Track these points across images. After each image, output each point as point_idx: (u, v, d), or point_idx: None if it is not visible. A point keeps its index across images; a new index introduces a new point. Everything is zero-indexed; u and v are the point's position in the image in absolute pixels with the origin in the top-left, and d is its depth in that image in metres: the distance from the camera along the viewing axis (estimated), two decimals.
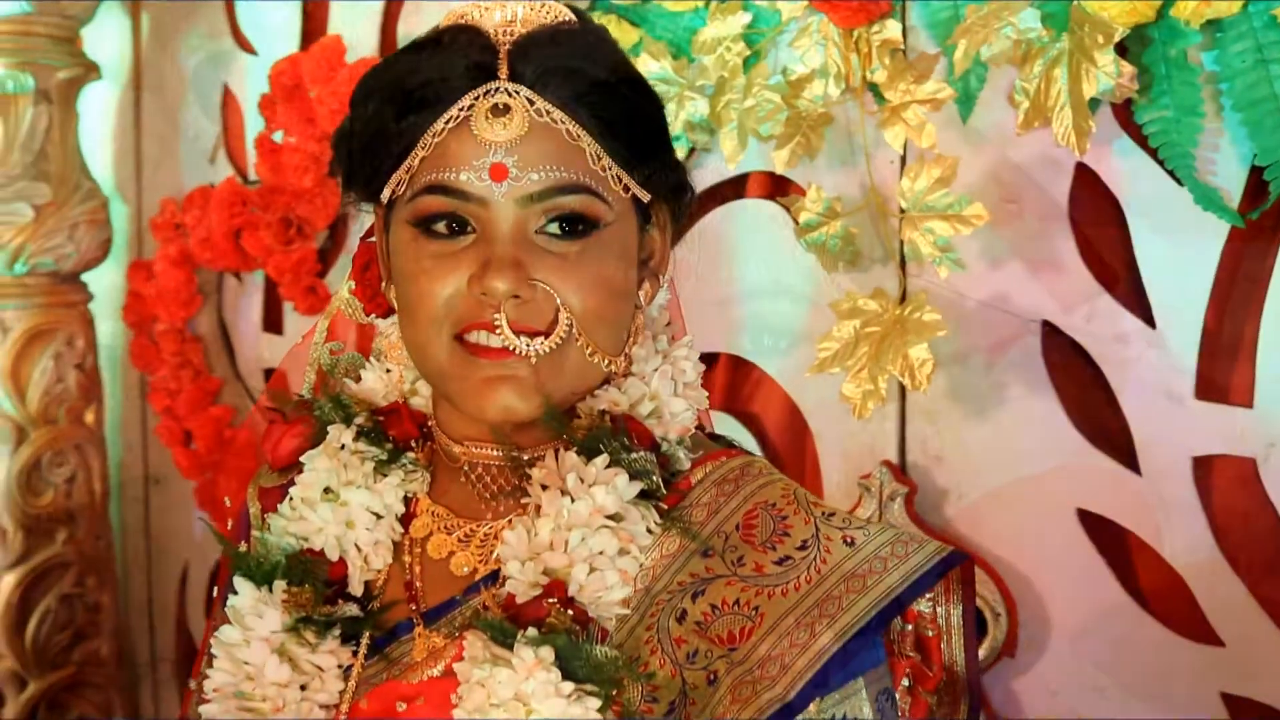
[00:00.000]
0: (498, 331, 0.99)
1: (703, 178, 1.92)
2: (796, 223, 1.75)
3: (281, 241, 2.23)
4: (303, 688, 1.06)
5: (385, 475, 1.11)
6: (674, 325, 1.16)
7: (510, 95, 1.00)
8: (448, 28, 1.06)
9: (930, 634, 1.11)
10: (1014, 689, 1.72)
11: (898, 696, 1.10)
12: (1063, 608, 1.69)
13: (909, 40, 1.70)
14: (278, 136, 2.23)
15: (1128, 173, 1.60)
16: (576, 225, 1.01)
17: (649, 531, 1.03)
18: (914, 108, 1.65)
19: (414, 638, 1.08)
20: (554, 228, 1.01)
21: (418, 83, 1.02)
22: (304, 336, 1.25)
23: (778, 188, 1.87)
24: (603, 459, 1.03)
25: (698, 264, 1.92)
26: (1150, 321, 1.60)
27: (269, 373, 2.42)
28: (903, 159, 1.71)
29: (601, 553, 1.02)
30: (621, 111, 1.02)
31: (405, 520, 1.12)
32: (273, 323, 2.45)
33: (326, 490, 1.11)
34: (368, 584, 1.11)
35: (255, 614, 1.08)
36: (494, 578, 1.07)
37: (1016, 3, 1.56)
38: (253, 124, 2.39)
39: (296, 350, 1.27)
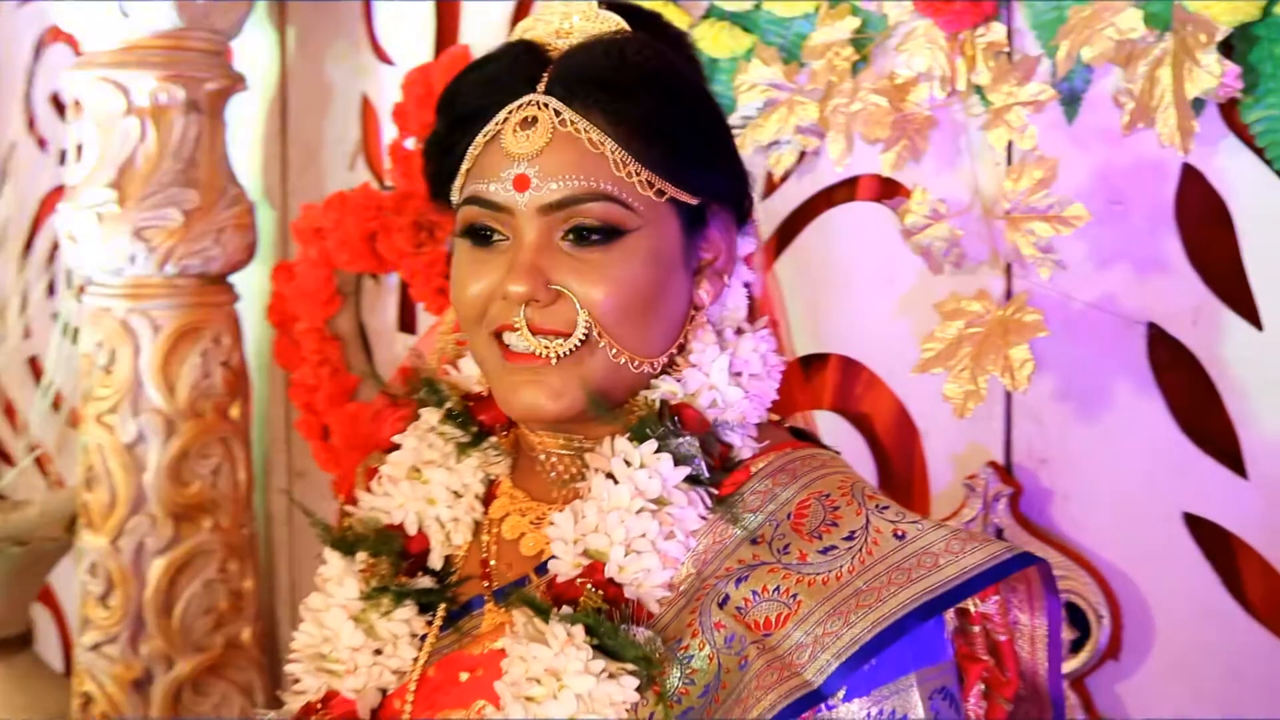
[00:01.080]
0: (518, 333, 1.05)
1: (814, 181, 1.95)
2: (904, 224, 1.76)
3: (413, 245, 2.31)
4: (377, 653, 1.13)
5: (467, 457, 1.18)
6: (762, 319, 1.18)
7: (539, 108, 1.05)
8: (507, 42, 1.12)
9: (1002, 638, 1.11)
10: (1117, 692, 1.70)
11: (971, 700, 1.11)
12: (1167, 612, 1.67)
13: (1014, 42, 1.71)
14: (409, 143, 2.32)
15: (1234, 173, 1.58)
16: (598, 232, 1.05)
17: (701, 517, 1.06)
18: (1016, 109, 1.65)
19: (484, 612, 1.14)
20: (579, 235, 1.05)
21: (466, 98, 1.09)
22: (430, 328, 1.32)
23: (887, 190, 1.88)
24: (650, 445, 1.06)
25: (808, 266, 1.95)
26: (1258, 324, 1.58)
27: None
28: (1008, 160, 1.72)
29: (643, 535, 1.05)
30: (653, 118, 1.06)
31: (487, 501, 1.18)
32: (407, 323, 2.54)
33: (415, 469, 1.17)
34: (448, 559, 1.17)
35: (337, 582, 1.15)
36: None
37: (1119, 3, 1.56)
38: (388, 131, 2.48)
39: (425, 340, 1.34)
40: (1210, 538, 1.64)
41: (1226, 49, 1.53)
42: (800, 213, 1.96)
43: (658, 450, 1.06)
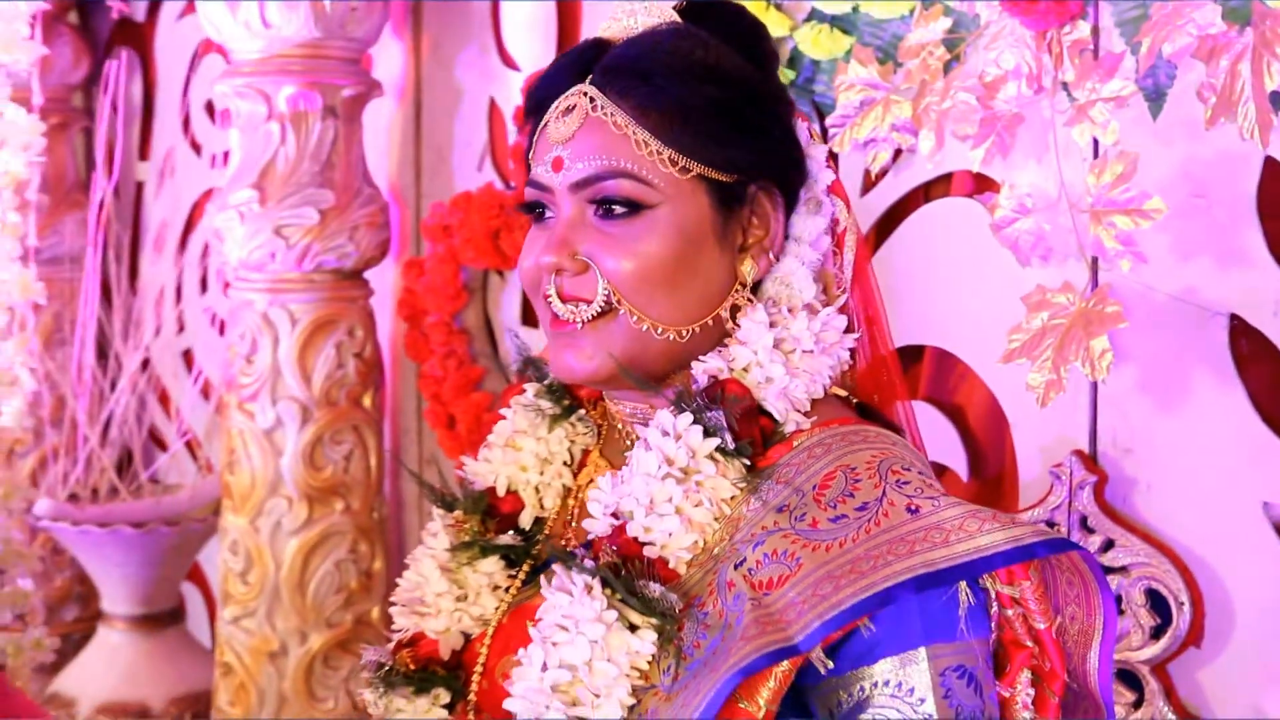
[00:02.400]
0: (551, 299, 1.14)
1: (910, 177, 2.00)
2: (993, 219, 1.81)
3: None
4: (461, 600, 1.23)
5: (557, 428, 1.27)
6: (840, 298, 1.22)
7: (579, 96, 1.15)
8: (583, 41, 1.21)
9: (1041, 625, 1.07)
10: (1199, 679, 1.73)
11: (1019, 687, 1.09)
12: (1247, 601, 1.69)
13: (1101, 40, 1.74)
14: None
15: None
16: (621, 206, 1.13)
17: (738, 486, 1.10)
18: (1099, 105, 1.69)
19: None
20: (603, 209, 1.14)
21: (533, 93, 1.20)
22: None
23: (980, 185, 1.93)
24: (686, 417, 1.11)
25: (905, 260, 2.01)
26: None
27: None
28: (1094, 155, 1.75)
29: (668, 500, 1.10)
30: (679, 101, 1.13)
31: (579, 469, 1.28)
32: (530, 317, 2.65)
33: (510, 438, 1.28)
34: (538, 520, 1.27)
35: (433, 535, 1.26)
36: None
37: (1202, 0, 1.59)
38: (513, 133, 2.60)
39: None
40: None
41: None
42: (897, 208, 2.02)
43: (694, 422, 1.11)
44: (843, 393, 1.23)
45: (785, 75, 2.08)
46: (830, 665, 1.03)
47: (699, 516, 1.10)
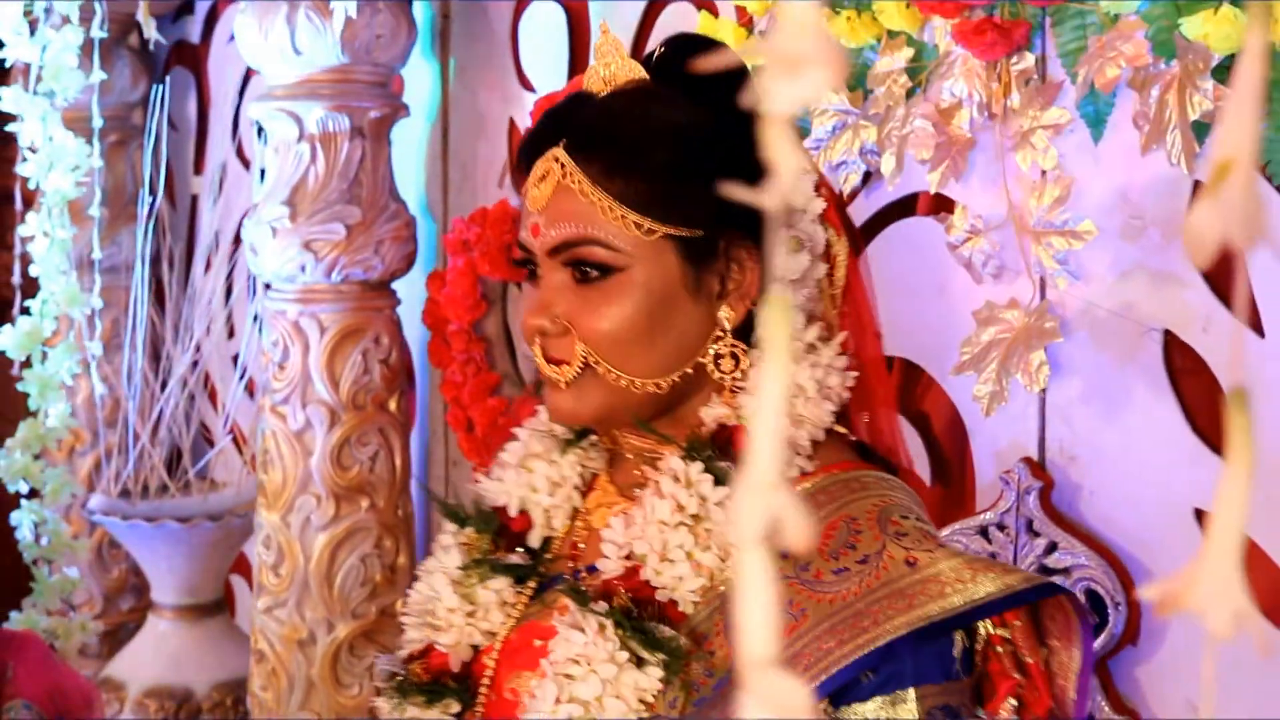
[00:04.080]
0: (537, 359, 1.24)
1: (880, 198, 2.11)
2: (948, 238, 1.92)
3: None
4: (470, 615, 1.31)
5: (569, 452, 1.35)
6: (839, 337, 1.30)
7: (552, 161, 1.24)
8: (569, 94, 1.31)
9: (1029, 660, 1.17)
10: (1137, 675, 1.82)
11: (1002, 714, 1.17)
12: None
13: (1048, 69, 1.85)
14: None
15: None
16: (591, 270, 1.21)
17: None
18: (1039, 132, 1.79)
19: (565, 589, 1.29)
20: (578, 273, 1.22)
21: (521, 153, 1.29)
22: None
23: (943, 205, 2.04)
24: (697, 466, 1.21)
25: (876, 276, 2.11)
26: (1260, 332, 1.68)
27: None
28: (1044, 179, 1.86)
29: (679, 546, 1.19)
30: (639, 165, 1.21)
31: (588, 493, 1.36)
32: None
33: (523, 460, 1.35)
34: (547, 539, 1.34)
35: (445, 550, 1.34)
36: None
37: (1130, 33, 1.69)
38: None
39: None
40: None
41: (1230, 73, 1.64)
42: (868, 227, 2.13)
43: (704, 470, 1.20)
44: (841, 429, 1.29)
45: None
46: (832, 712, 1.12)
47: (707, 561, 1.19)
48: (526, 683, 1.26)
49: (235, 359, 3.55)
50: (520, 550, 1.35)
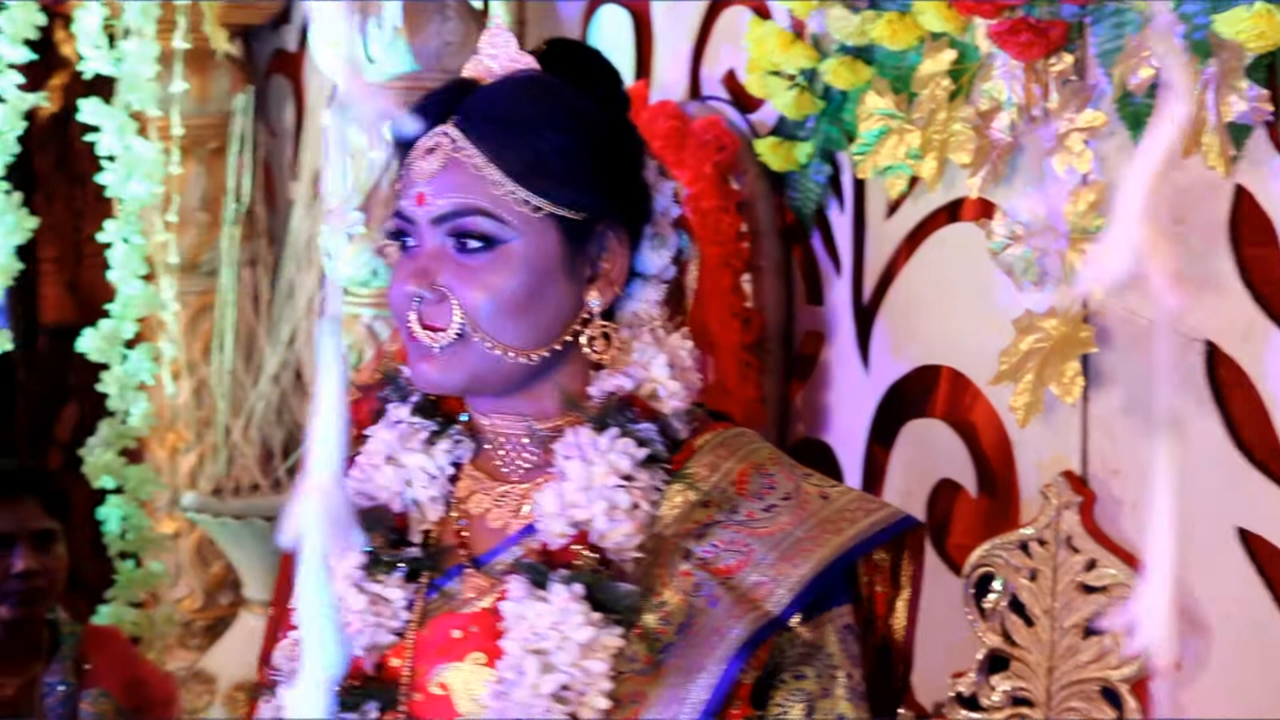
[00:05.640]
0: (409, 324, 1.25)
1: (928, 203, 2.06)
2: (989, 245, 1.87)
3: None
4: (375, 616, 1.30)
5: (436, 443, 1.35)
6: (681, 318, 1.37)
7: (441, 136, 1.26)
8: (451, 79, 1.34)
9: (880, 590, 1.31)
10: (1180, 699, 1.75)
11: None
12: (1224, 624, 1.71)
13: (1089, 70, 1.78)
14: None
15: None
16: (476, 240, 1.24)
17: (657, 489, 1.26)
18: (1074, 135, 1.74)
19: (464, 578, 1.32)
20: (460, 243, 1.24)
21: (405, 125, 1.29)
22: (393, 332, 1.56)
23: (988, 210, 1.98)
24: (614, 430, 1.25)
25: (922, 283, 2.07)
26: None
27: None
28: (1084, 183, 1.79)
29: (617, 507, 1.24)
30: (532, 147, 1.25)
31: (451, 482, 1.36)
32: None
33: (389, 457, 1.35)
34: (426, 533, 1.35)
35: (335, 556, 1.36)
36: (526, 531, 1.31)
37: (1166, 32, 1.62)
38: None
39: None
40: (1265, 553, 1.67)
41: (1271, 73, 1.57)
42: (917, 232, 2.09)
43: (620, 435, 1.26)
44: (698, 403, 1.37)
45: (816, 105, 2.16)
46: (812, 635, 1.24)
47: (640, 518, 1.25)
48: (461, 676, 1.28)
49: None
50: (412, 545, 1.34)
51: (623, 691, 1.21)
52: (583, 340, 1.29)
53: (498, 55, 1.32)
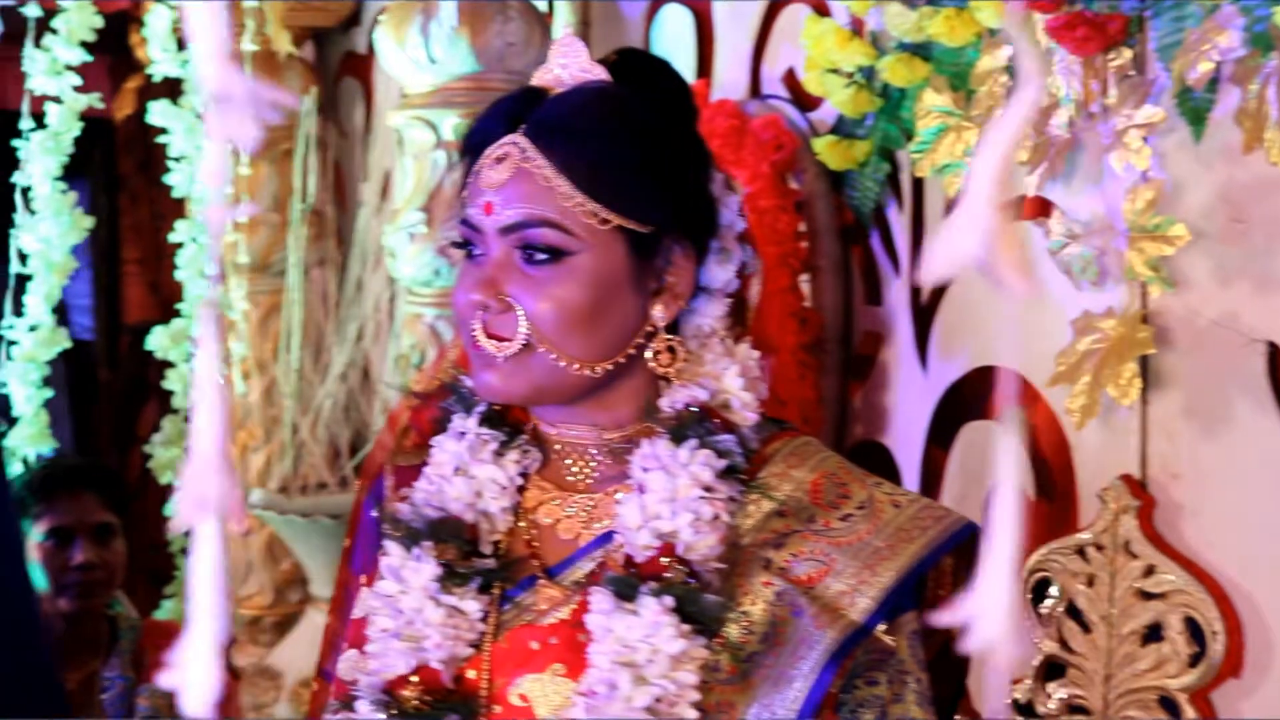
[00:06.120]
0: (474, 333, 1.25)
1: None
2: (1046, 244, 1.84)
3: None
4: (453, 628, 1.29)
5: (505, 454, 1.36)
6: (741, 329, 1.37)
7: (510, 146, 1.26)
8: (521, 87, 1.33)
9: (943, 594, 1.31)
10: (1242, 709, 1.71)
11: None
12: None
13: (1148, 65, 1.74)
14: None
15: None
16: (544, 252, 1.24)
17: (734, 499, 1.27)
18: (1131, 131, 1.70)
19: (537, 589, 1.31)
20: (527, 254, 1.25)
21: (470, 136, 1.32)
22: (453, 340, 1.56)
23: (1046, 209, 1.94)
24: (693, 442, 1.26)
25: (983, 282, 2.04)
26: None
27: None
28: (1143, 180, 1.75)
29: (701, 518, 1.25)
30: (601, 159, 1.25)
31: (519, 492, 1.36)
32: None
33: (458, 469, 1.35)
34: (496, 543, 1.35)
35: (410, 569, 1.31)
36: (599, 541, 1.31)
37: (1224, 25, 1.59)
38: None
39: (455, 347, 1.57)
40: None
41: None
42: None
43: (700, 447, 1.26)
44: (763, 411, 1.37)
45: (874, 102, 2.14)
46: (894, 643, 1.25)
47: (721, 530, 1.26)
48: (542, 687, 1.28)
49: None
50: (484, 556, 1.34)
51: (710, 702, 1.22)
52: (647, 354, 1.30)
53: (568, 65, 1.32)
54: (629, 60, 1.35)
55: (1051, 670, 1.86)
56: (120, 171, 4.65)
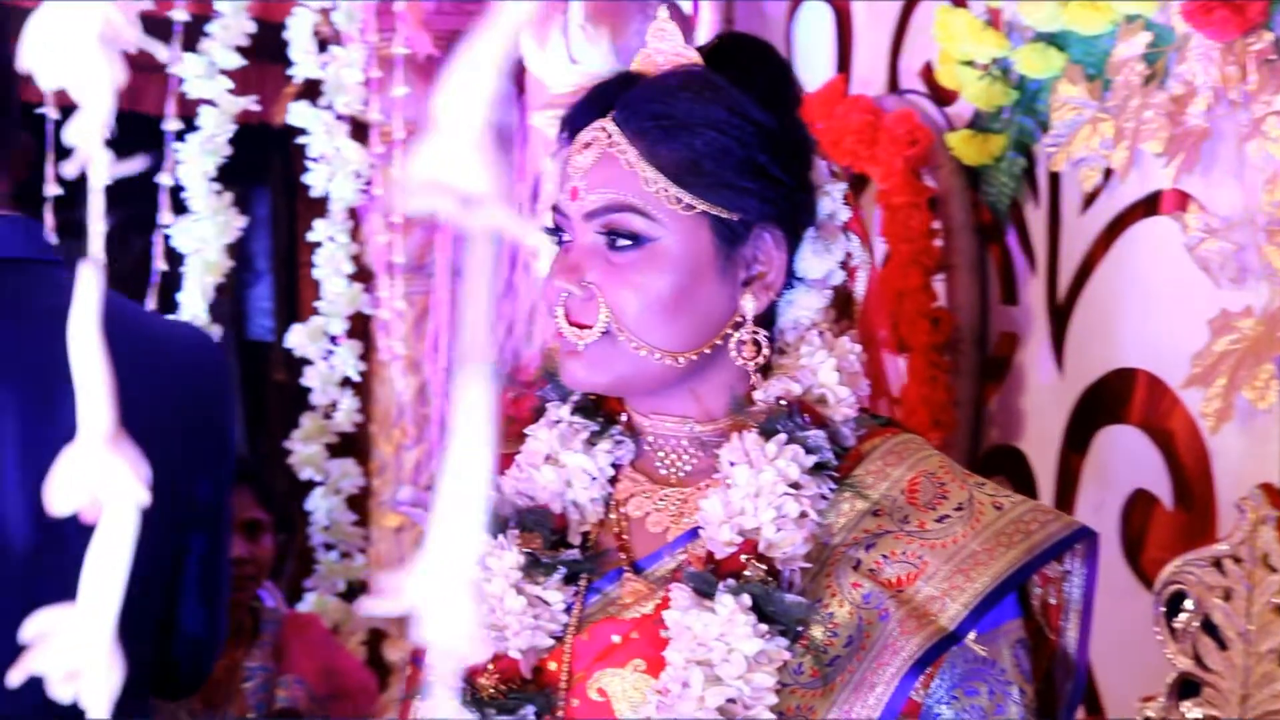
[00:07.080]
0: (557, 319, 1.23)
1: (1123, 196, 1.95)
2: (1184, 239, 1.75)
3: None
4: (535, 618, 1.27)
5: (597, 444, 1.33)
6: (848, 323, 1.32)
7: (598, 131, 1.23)
8: (616, 72, 1.31)
9: (1053, 602, 1.25)
10: None
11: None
12: None
13: None
14: None
15: None
16: (626, 238, 1.21)
17: (824, 497, 1.22)
18: (1271, 119, 1.61)
19: (623, 582, 1.28)
20: (611, 240, 1.21)
21: (565, 122, 1.29)
22: None
23: (1185, 203, 1.86)
24: (782, 437, 1.21)
25: (1119, 281, 1.96)
26: None
27: None
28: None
29: (786, 515, 1.20)
30: (688, 145, 1.21)
31: (611, 483, 1.34)
32: None
33: (548, 457, 1.34)
34: (585, 534, 1.32)
35: (494, 556, 1.30)
36: (688, 536, 1.29)
37: None
38: None
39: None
40: None
41: None
42: (1114, 226, 1.97)
43: (789, 442, 1.21)
44: (864, 407, 1.32)
45: (1009, 95, 2.07)
46: (987, 652, 1.19)
47: (808, 527, 1.21)
48: (622, 682, 1.25)
49: None
50: (571, 547, 1.31)
51: (789, 705, 1.17)
52: (723, 342, 1.25)
53: (663, 49, 1.29)
54: (728, 44, 1.31)
55: (1186, 688, 1.76)
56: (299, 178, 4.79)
